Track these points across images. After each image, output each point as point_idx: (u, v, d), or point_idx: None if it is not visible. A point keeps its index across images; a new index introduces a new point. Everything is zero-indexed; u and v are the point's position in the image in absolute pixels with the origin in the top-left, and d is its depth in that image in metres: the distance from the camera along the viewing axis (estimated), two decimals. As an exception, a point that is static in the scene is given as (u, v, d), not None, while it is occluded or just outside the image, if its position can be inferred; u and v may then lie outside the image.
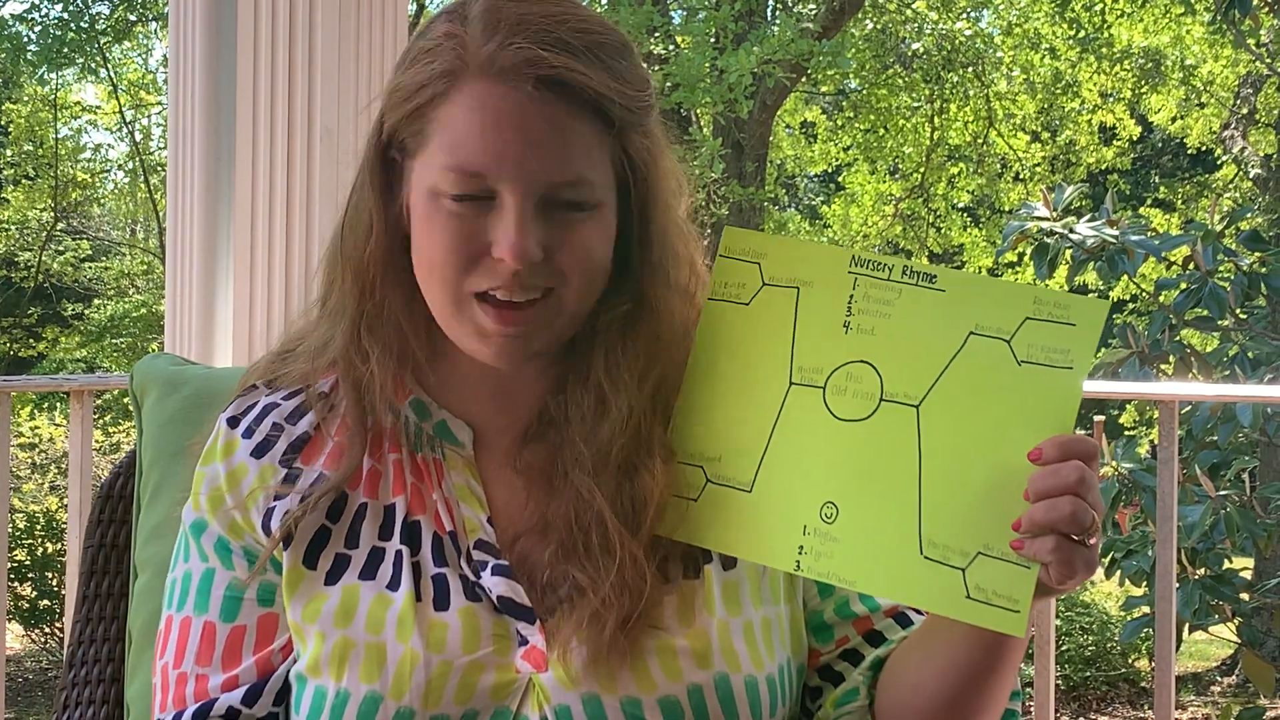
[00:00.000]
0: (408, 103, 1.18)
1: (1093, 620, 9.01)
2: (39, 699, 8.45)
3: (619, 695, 1.15)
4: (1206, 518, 4.48)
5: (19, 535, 8.20)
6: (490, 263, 1.16)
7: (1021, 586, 1.10)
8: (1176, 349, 5.11)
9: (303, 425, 1.29)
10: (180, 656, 1.28)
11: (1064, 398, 1.13)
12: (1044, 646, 2.80)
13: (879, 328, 1.19)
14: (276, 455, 1.27)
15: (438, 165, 1.16)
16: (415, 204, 1.20)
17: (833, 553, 1.16)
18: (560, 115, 1.15)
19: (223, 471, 1.29)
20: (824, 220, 16.69)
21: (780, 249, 1.25)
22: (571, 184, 1.16)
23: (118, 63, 15.10)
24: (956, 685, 1.20)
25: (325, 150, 2.75)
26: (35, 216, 15.29)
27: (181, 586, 1.30)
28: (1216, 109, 14.31)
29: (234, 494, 1.27)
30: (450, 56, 1.16)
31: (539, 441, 1.27)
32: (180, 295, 2.79)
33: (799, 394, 1.21)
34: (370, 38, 2.81)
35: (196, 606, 1.28)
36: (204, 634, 1.27)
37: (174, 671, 1.28)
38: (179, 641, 1.28)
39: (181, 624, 1.29)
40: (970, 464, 1.14)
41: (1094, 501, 1.08)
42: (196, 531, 1.29)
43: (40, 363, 14.99)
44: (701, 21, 11.77)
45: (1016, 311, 1.15)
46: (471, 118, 1.15)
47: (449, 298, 1.19)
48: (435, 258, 1.18)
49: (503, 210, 1.15)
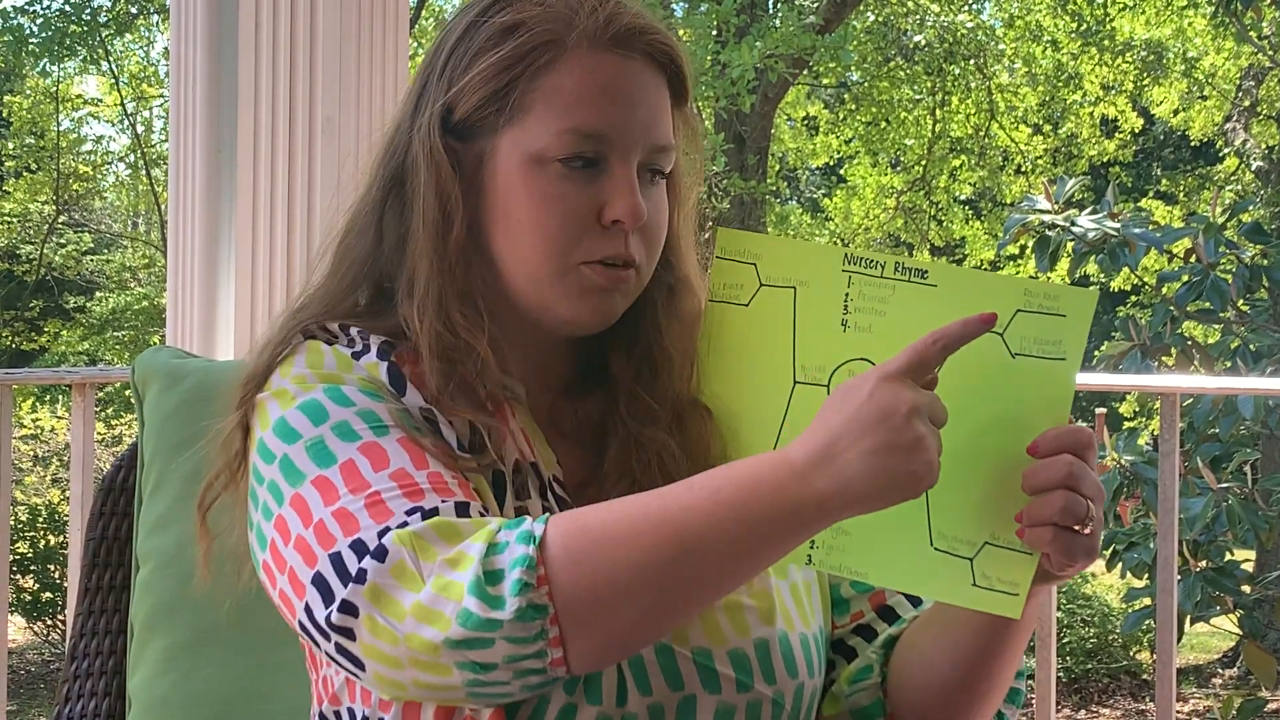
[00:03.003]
0: (495, 80, 1.20)
1: (1094, 612, 9.02)
2: (41, 691, 8.46)
3: (690, 646, 1.18)
4: (1208, 510, 4.49)
5: (21, 528, 8.20)
6: (597, 229, 1.20)
7: (1023, 572, 1.13)
8: (1178, 341, 5.11)
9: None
10: (376, 479, 1.10)
11: (1059, 388, 1.14)
12: (1045, 639, 2.80)
13: (876, 325, 1.20)
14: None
15: (549, 130, 1.19)
16: (506, 176, 1.21)
17: (844, 546, 1.17)
18: (658, 83, 1.24)
19: (333, 359, 1.21)
20: (825, 213, 16.68)
21: (774, 249, 1.27)
22: (665, 149, 1.24)
23: (119, 55, 15.09)
24: (965, 666, 1.23)
25: (327, 141, 2.75)
26: (37, 209, 15.28)
27: (336, 431, 1.14)
28: (1219, 101, 14.30)
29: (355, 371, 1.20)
30: (552, 27, 1.20)
31: (584, 398, 1.30)
32: (182, 288, 2.79)
33: (804, 392, 1.22)
34: (372, 28, 2.81)
35: (376, 432, 1.14)
36: (406, 447, 1.13)
37: (371, 491, 1.09)
38: (371, 467, 1.11)
39: (363, 453, 1.12)
40: (973, 456, 1.15)
41: (1089, 492, 1.10)
42: (332, 392, 1.17)
43: (42, 356, 14.99)
44: (703, 15, 11.76)
45: (1008, 304, 1.16)
46: (586, 81, 1.19)
47: (555, 265, 1.20)
48: (545, 228, 1.20)
49: (612, 173, 1.20)
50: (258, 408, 1.21)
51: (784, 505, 1.04)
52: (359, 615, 1.04)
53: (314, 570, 1.07)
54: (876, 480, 1.03)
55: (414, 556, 1.03)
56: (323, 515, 1.09)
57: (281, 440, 1.16)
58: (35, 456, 8.87)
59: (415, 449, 1.13)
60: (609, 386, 1.29)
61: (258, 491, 1.17)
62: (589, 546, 1.03)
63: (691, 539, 1.04)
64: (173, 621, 1.53)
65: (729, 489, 1.05)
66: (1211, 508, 4.51)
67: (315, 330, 1.23)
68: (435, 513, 1.07)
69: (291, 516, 1.11)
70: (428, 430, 1.18)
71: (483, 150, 1.22)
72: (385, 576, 1.03)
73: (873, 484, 1.03)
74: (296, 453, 1.14)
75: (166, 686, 1.53)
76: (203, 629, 1.51)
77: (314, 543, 1.08)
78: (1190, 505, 4.43)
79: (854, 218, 15.40)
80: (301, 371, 1.20)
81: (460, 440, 1.19)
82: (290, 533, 1.11)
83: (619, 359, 1.29)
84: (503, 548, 1.03)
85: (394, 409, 1.17)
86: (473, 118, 1.22)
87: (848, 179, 15.78)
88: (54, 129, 14.82)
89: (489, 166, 1.22)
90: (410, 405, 1.19)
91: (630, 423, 1.26)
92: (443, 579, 1.02)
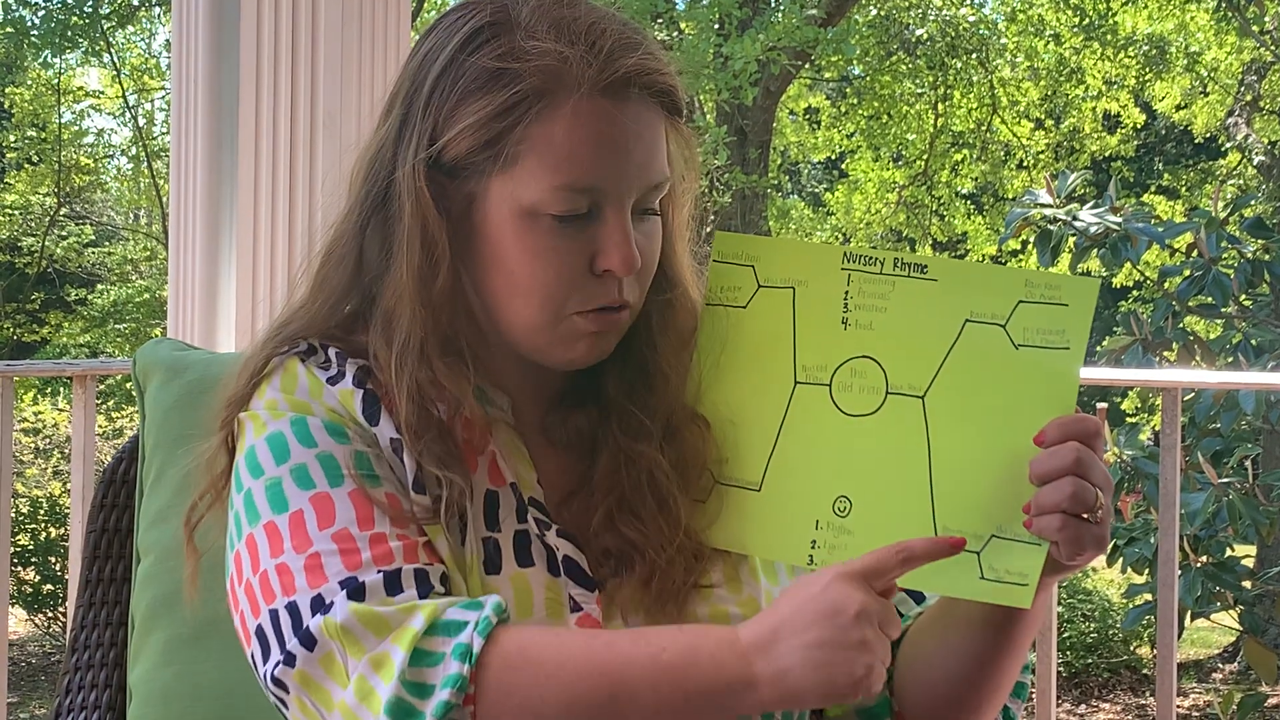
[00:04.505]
0: (485, 129, 1.16)
1: (1095, 607, 9.02)
2: (42, 683, 8.47)
3: None
4: (1209, 505, 4.49)
5: (22, 520, 8.20)
6: (590, 279, 1.18)
7: (1031, 562, 1.12)
8: (1180, 336, 5.11)
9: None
10: (318, 538, 1.12)
11: (1063, 378, 1.14)
12: (1046, 634, 2.80)
13: (877, 322, 1.20)
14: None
15: (542, 185, 1.16)
16: (498, 225, 1.18)
17: (847, 545, 1.17)
18: (653, 120, 1.19)
19: (306, 383, 1.22)
20: (827, 208, 16.67)
21: (772, 250, 1.26)
22: (659, 186, 1.21)
23: (121, 47, 15.08)
24: (971, 663, 1.22)
25: (328, 135, 2.75)
26: (38, 201, 15.28)
27: (294, 475, 1.16)
28: (1221, 96, 14.29)
29: (324, 400, 1.21)
30: (544, 77, 1.15)
31: (576, 410, 1.29)
32: (183, 280, 2.79)
33: (805, 392, 1.22)
34: (373, 23, 2.81)
35: (330, 481, 1.15)
36: (355, 501, 1.14)
37: (312, 551, 1.11)
38: (317, 524, 1.13)
39: (313, 505, 1.14)
40: (979, 449, 1.15)
41: (1098, 480, 1.10)
42: (298, 426, 1.18)
43: (43, 348, 14.99)
44: (705, 7, 11.74)
45: (1009, 296, 1.16)
46: (578, 135, 1.15)
47: (548, 317, 1.19)
48: (539, 280, 1.18)
49: (605, 221, 1.18)
50: (239, 426, 1.23)
51: (719, 682, 1.05)
52: (289, 692, 1.08)
53: (256, 622, 1.11)
54: (814, 674, 1.04)
55: (342, 651, 1.06)
56: (267, 566, 1.12)
57: (249, 473, 1.18)
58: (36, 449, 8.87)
59: (364, 504, 1.14)
60: (601, 401, 1.28)
61: (230, 512, 1.20)
62: (525, 680, 1.04)
63: (625, 693, 1.05)
64: (174, 614, 1.53)
65: (672, 651, 1.06)
66: (1212, 503, 4.51)
67: (297, 343, 1.24)
68: (362, 591, 1.08)
69: (245, 557, 1.15)
70: (395, 462, 1.19)
71: (472, 193, 1.19)
72: (314, 666, 1.07)
73: (810, 678, 1.04)
74: (258, 490, 1.17)
75: (167, 679, 1.53)
76: (204, 621, 1.51)
77: (258, 593, 1.12)
78: (1191, 500, 4.43)
79: (855, 212, 15.39)
80: (274, 396, 1.21)
81: (423, 476, 1.18)
82: (241, 574, 1.15)
83: (612, 375, 1.28)
84: (437, 659, 1.04)
85: (353, 451, 1.17)
86: (462, 161, 1.19)
87: (849, 173, 15.77)
88: (55, 121, 14.80)
89: (479, 211, 1.19)
90: (381, 435, 1.19)
91: (621, 438, 1.25)
92: (365, 684, 1.04)
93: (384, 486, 1.17)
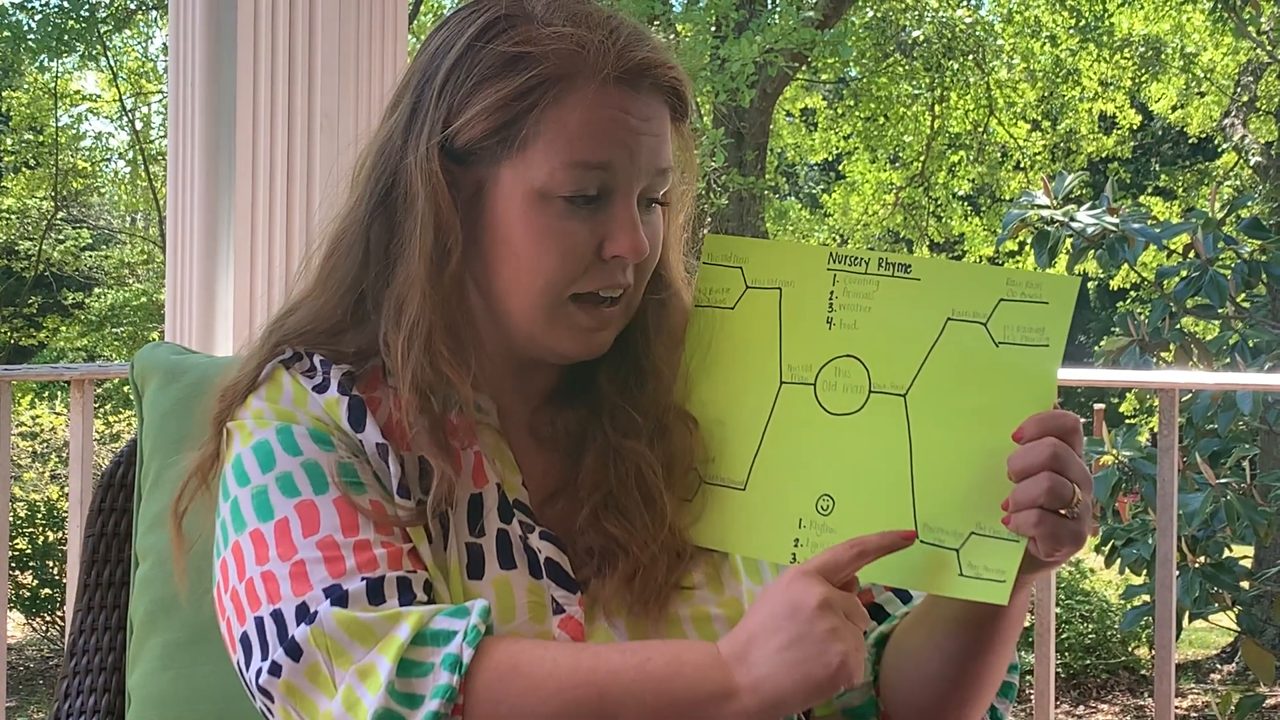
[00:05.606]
0: (500, 113, 1.18)
1: (1093, 608, 9.02)
2: (40, 687, 8.46)
3: None
4: (1207, 506, 4.49)
5: (20, 524, 8.19)
6: (596, 263, 1.20)
7: (1009, 559, 1.13)
8: (1177, 337, 5.11)
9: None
10: (303, 546, 1.13)
11: (1042, 376, 1.15)
12: (1044, 635, 2.80)
13: (861, 321, 1.21)
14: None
15: (554, 165, 1.17)
16: (507, 209, 1.20)
17: (829, 543, 1.17)
18: (661, 111, 1.22)
19: (291, 392, 1.23)
20: (824, 209, 16.67)
21: (761, 252, 1.28)
22: (664, 172, 1.23)
23: (118, 51, 15.08)
24: (956, 662, 1.23)
25: (325, 137, 2.75)
26: (36, 205, 15.28)
27: (279, 483, 1.17)
28: (1217, 97, 14.29)
29: (309, 410, 1.22)
30: (560, 62, 1.18)
31: (566, 408, 1.30)
32: (181, 284, 2.79)
33: (790, 392, 1.23)
34: (370, 24, 2.81)
35: (315, 488, 1.16)
36: (339, 509, 1.16)
37: (296, 559, 1.12)
38: (302, 531, 1.14)
39: (298, 512, 1.15)
40: (959, 447, 1.16)
41: (1075, 476, 1.10)
42: (283, 434, 1.20)
43: (41, 352, 14.98)
44: (702, 9, 11.74)
45: (990, 294, 1.17)
46: (593, 117, 1.18)
47: (548, 301, 1.20)
48: (543, 264, 1.19)
49: (614, 207, 1.19)
50: (226, 435, 1.24)
51: (703, 691, 1.06)
52: (275, 701, 1.09)
53: (242, 629, 1.12)
54: (791, 674, 1.05)
55: (328, 661, 1.07)
56: (252, 574, 1.14)
57: (236, 481, 1.20)
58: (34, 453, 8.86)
59: (349, 511, 1.15)
60: (593, 397, 1.29)
61: (218, 520, 1.21)
62: (514, 691, 1.06)
63: (611, 704, 1.06)
64: (172, 618, 1.53)
65: (658, 662, 1.07)
66: (1210, 503, 4.51)
67: (284, 350, 1.25)
68: (346, 598, 1.09)
69: (231, 565, 1.16)
70: (381, 467, 1.20)
71: (482, 179, 1.21)
72: (299, 677, 1.08)
73: (787, 679, 1.05)
74: (244, 499, 1.18)
75: (166, 683, 1.53)
76: (202, 625, 1.51)
77: (244, 600, 1.13)
78: (1189, 501, 4.43)
79: (853, 214, 15.39)
80: (260, 406, 1.22)
81: (407, 479, 1.19)
82: (228, 582, 1.16)
83: (606, 371, 1.29)
84: (426, 670, 1.05)
85: (338, 459, 1.18)
86: (474, 146, 1.20)
87: (847, 175, 15.77)
88: (53, 125, 14.80)
89: (489, 196, 1.21)
90: (367, 441, 1.20)
91: (611, 434, 1.27)
92: (352, 694, 1.05)
93: (368, 493, 1.17)
